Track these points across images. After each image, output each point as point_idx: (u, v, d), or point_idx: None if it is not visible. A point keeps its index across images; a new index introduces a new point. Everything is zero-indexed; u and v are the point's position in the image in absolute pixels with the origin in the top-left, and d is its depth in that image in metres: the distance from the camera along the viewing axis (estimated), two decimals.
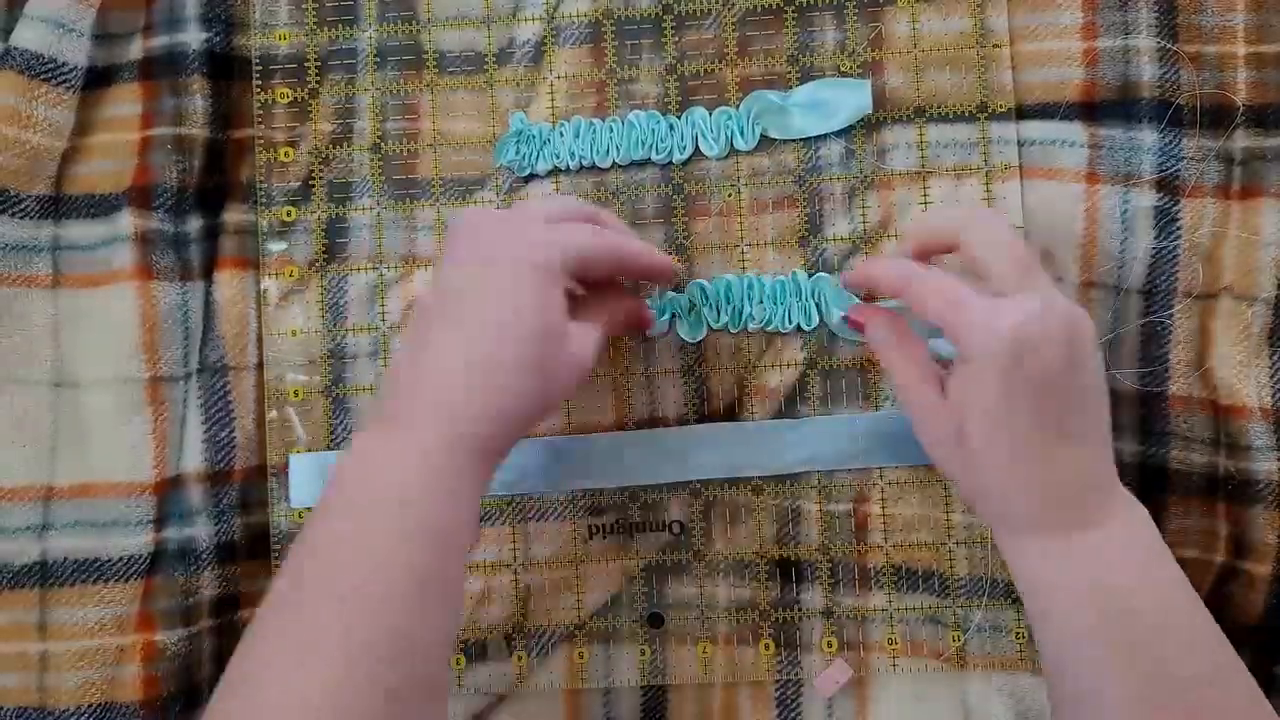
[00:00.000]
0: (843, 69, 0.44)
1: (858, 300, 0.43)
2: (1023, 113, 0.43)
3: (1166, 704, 0.33)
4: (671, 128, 0.44)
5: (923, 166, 0.44)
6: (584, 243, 0.37)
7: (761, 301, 0.43)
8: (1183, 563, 0.41)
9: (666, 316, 0.44)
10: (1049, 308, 0.34)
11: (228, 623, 0.44)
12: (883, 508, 0.43)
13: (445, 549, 0.33)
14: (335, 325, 0.45)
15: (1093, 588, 0.34)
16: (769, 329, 0.44)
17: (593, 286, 0.39)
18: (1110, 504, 0.36)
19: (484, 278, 0.35)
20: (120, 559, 0.42)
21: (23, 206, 0.43)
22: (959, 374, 0.35)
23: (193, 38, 0.44)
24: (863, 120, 0.44)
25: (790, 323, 0.43)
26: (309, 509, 0.44)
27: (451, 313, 0.35)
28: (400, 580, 0.32)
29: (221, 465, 0.44)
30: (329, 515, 0.33)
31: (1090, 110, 0.43)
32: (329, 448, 0.44)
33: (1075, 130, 0.43)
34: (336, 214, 0.45)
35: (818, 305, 0.43)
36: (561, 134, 0.45)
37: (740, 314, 0.44)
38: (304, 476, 0.44)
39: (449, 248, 0.37)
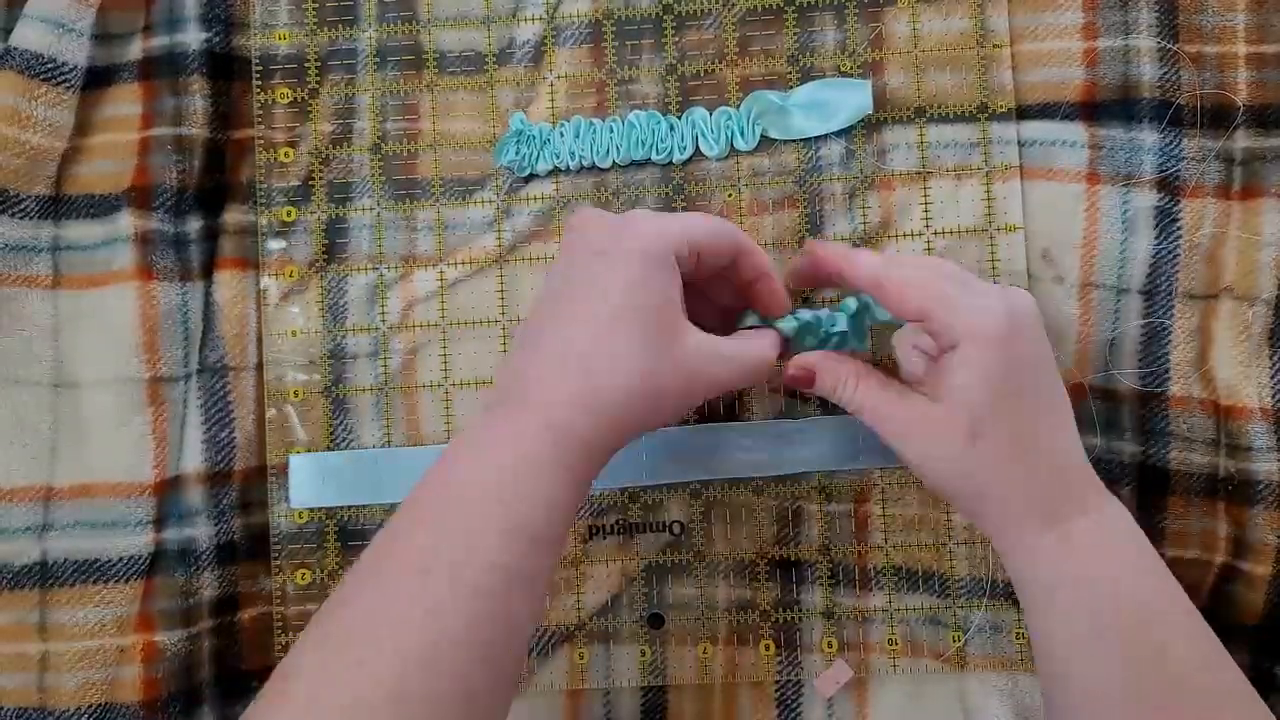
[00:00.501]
0: (843, 69, 0.44)
1: (876, 306, 0.40)
2: (1023, 113, 0.43)
3: (1158, 691, 0.33)
4: (672, 128, 0.44)
5: (923, 167, 0.44)
6: (692, 223, 0.36)
7: None
8: (1183, 562, 0.42)
9: None
10: (1021, 296, 0.36)
11: (227, 623, 0.44)
12: (883, 508, 0.43)
13: (535, 547, 0.33)
14: (335, 325, 0.45)
15: (1083, 576, 0.35)
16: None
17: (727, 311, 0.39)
18: (1095, 492, 0.36)
19: (591, 268, 0.35)
20: (120, 559, 0.42)
21: (23, 206, 0.43)
22: (956, 364, 0.35)
23: (192, 38, 0.44)
24: (863, 120, 0.44)
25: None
26: (309, 509, 0.44)
27: (561, 306, 0.35)
28: (488, 575, 0.32)
29: (221, 466, 0.44)
30: (432, 495, 0.34)
31: (1090, 110, 0.43)
32: (329, 448, 0.44)
33: (1075, 130, 0.43)
34: (336, 214, 0.45)
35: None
36: (562, 134, 0.45)
37: None
38: (304, 477, 0.44)
39: (563, 245, 0.37)
